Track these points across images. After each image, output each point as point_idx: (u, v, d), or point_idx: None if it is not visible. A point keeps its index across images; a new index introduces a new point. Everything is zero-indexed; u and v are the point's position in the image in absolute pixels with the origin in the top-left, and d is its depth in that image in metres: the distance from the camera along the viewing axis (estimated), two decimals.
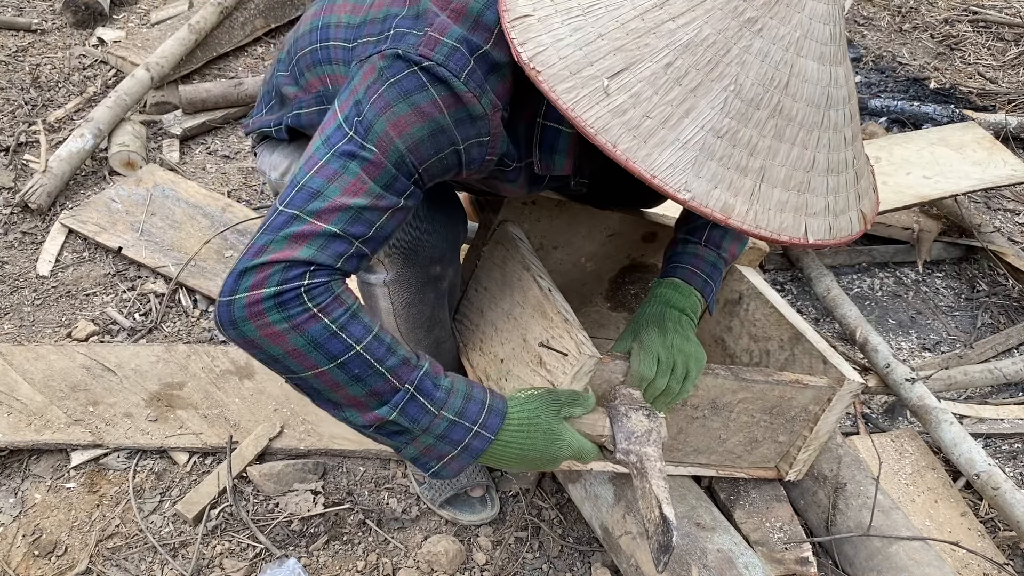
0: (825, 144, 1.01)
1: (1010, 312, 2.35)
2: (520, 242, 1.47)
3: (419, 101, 1.06)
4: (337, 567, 1.54)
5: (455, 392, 1.10)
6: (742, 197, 0.98)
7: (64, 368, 1.75)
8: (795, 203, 1.01)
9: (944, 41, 3.61)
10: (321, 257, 1.03)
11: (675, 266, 1.43)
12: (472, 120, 1.08)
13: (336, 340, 1.03)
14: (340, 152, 1.06)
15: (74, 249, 2.19)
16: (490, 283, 1.52)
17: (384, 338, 1.07)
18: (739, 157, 0.97)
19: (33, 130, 2.58)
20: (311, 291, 1.02)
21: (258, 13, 3.16)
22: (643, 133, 0.97)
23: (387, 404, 1.06)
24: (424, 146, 1.07)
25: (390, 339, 1.08)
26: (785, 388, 1.44)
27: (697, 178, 0.97)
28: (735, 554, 1.37)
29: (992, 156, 2.45)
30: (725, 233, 1.45)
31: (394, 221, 1.09)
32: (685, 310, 1.37)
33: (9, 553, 1.51)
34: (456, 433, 1.09)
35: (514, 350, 1.40)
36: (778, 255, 2.40)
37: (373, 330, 1.06)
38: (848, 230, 1.06)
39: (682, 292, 1.39)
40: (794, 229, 1.01)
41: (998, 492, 1.69)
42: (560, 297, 1.36)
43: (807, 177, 1.01)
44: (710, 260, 1.43)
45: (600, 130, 0.97)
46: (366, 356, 1.04)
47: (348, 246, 1.05)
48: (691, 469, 1.51)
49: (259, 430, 1.67)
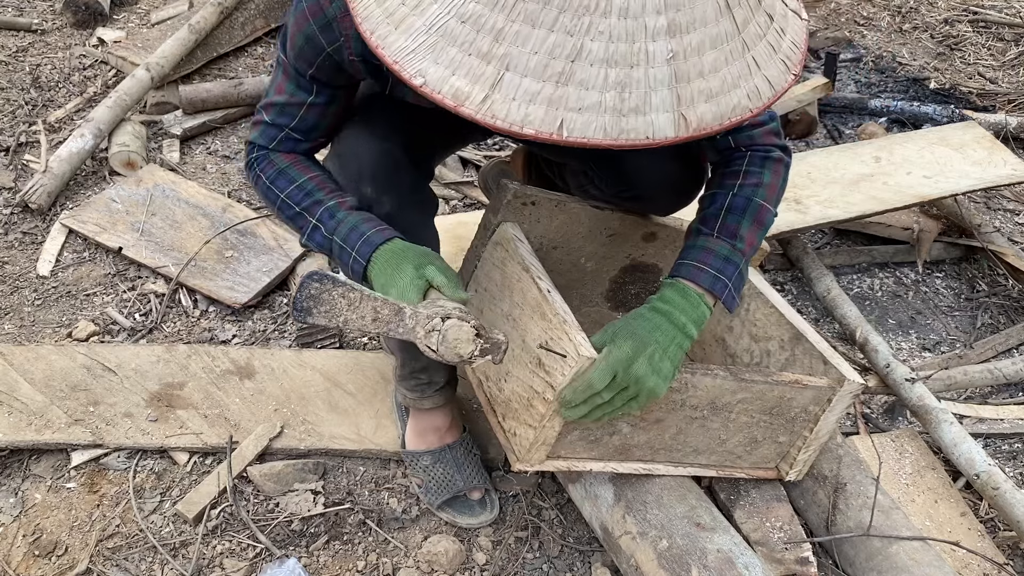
0: (604, 32, 0.90)
1: (1010, 312, 2.35)
2: (519, 243, 1.46)
3: (298, 12, 1.27)
4: (337, 567, 1.54)
5: (345, 223, 1.31)
6: (480, 85, 0.92)
7: (65, 368, 1.75)
8: (550, 95, 0.92)
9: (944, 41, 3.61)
10: (261, 140, 1.40)
11: (681, 262, 1.34)
12: (329, 25, 1.25)
13: (271, 191, 1.37)
14: (276, 61, 1.37)
15: (74, 249, 2.19)
16: (489, 284, 1.51)
17: (306, 186, 1.35)
18: (482, 43, 0.91)
19: (33, 130, 2.58)
20: (256, 162, 1.40)
21: (258, 13, 3.16)
22: (395, 19, 0.95)
23: (305, 234, 1.36)
24: (305, 52, 1.30)
25: (312, 186, 1.35)
26: (785, 388, 1.44)
27: (435, 64, 0.93)
28: (735, 554, 1.37)
29: (992, 156, 2.45)
30: (741, 219, 1.35)
31: (313, 114, 1.37)
32: (685, 329, 1.28)
33: (9, 553, 1.51)
34: (344, 255, 1.32)
35: (513, 351, 1.39)
36: (778, 255, 2.40)
37: (297, 181, 1.36)
38: (652, 133, 0.94)
39: (690, 300, 1.30)
40: (544, 123, 0.93)
41: (998, 492, 1.69)
42: (559, 298, 1.34)
43: (571, 68, 0.91)
44: (722, 253, 1.32)
45: (364, 18, 0.98)
46: (289, 201, 1.36)
47: (278, 132, 1.38)
48: (691, 470, 1.51)
49: (259, 430, 1.68)
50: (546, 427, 1.31)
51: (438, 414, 1.65)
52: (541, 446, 1.34)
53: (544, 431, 1.31)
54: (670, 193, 1.54)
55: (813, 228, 2.33)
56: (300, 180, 1.36)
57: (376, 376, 1.83)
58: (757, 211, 1.36)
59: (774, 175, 1.39)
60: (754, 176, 1.38)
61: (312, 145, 1.42)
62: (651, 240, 1.69)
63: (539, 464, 1.37)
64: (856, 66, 3.43)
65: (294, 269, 2.13)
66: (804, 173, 2.38)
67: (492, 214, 1.53)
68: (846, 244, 2.51)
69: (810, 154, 2.49)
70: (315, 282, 1.09)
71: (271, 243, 2.19)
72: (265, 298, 2.09)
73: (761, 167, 1.39)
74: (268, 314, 2.05)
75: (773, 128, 1.42)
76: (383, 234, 1.29)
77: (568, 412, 1.27)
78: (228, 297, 2.04)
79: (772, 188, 1.39)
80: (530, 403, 1.33)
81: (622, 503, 1.47)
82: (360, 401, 1.77)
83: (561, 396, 1.26)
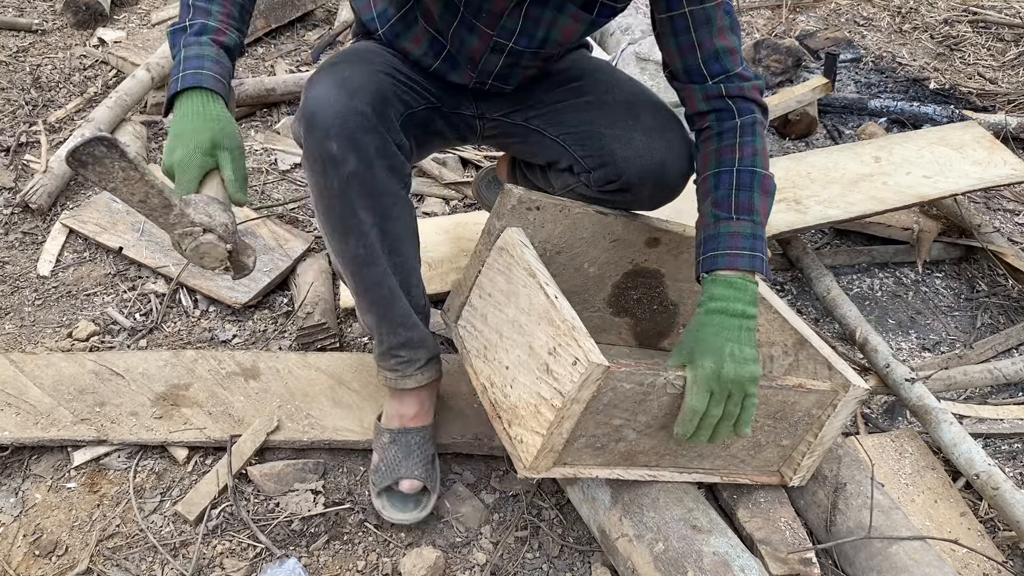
0: None
1: (1010, 312, 2.35)
2: (525, 248, 1.45)
3: None
4: (337, 567, 1.54)
5: (201, 47, 1.31)
6: None
7: (73, 373, 1.76)
8: None
9: (944, 41, 3.61)
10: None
11: (714, 255, 1.38)
12: None
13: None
14: None
15: (75, 249, 2.19)
16: (494, 289, 1.50)
17: (197, 4, 1.33)
18: None
19: (34, 130, 2.58)
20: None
21: (258, 14, 3.16)
22: None
23: (175, 26, 1.33)
24: None
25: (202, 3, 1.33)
26: (788, 393, 1.44)
27: None
28: (731, 557, 1.37)
29: (992, 155, 2.46)
30: (752, 192, 1.40)
31: None
32: (745, 313, 1.34)
33: (9, 553, 1.51)
34: (174, 70, 1.30)
35: (520, 357, 1.39)
36: (778, 255, 2.40)
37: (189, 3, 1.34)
38: None
39: (736, 287, 1.35)
40: None
41: (998, 492, 1.69)
42: (567, 304, 1.34)
43: None
44: (748, 232, 1.38)
45: None
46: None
47: None
48: (695, 476, 1.50)
49: (258, 423, 1.68)
50: (554, 434, 1.30)
51: (413, 399, 1.62)
52: (549, 453, 1.33)
53: (552, 438, 1.30)
54: (655, 184, 1.55)
55: (813, 228, 2.33)
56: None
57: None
58: (762, 181, 1.42)
59: (762, 139, 1.46)
60: (748, 146, 1.44)
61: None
62: (654, 245, 1.69)
63: (546, 471, 1.36)
64: (856, 66, 3.43)
65: (295, 269, 2.13)
66: (804, 173, 2.38)
67: (496, 219, 1.52)
68: (846, 244, 2.51)
69: (810, 154, 2.49)
70: (103, 145, 1.08)
71: (271, 243, 2.19)
72: (266, 298, 2.09)
73: (752, 134, 1.45)
74: (268, 314, 2.06)
75: (759, 85, 1.49)
76: (215, 83, 1.29)
77: (693, 440, 1.35)
78: (229, 297, 2.04)
79: (765, 154, 1.46)
80: (538, 410, 1.32)
81: (619, 506, 1.47)
82: (364, 397, 1.78)
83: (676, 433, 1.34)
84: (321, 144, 1.36)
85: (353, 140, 1.36)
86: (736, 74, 1.45)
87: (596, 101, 1.59)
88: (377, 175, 1.40)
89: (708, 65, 1.44)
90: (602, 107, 1.58)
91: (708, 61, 1.44)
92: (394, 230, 1.47)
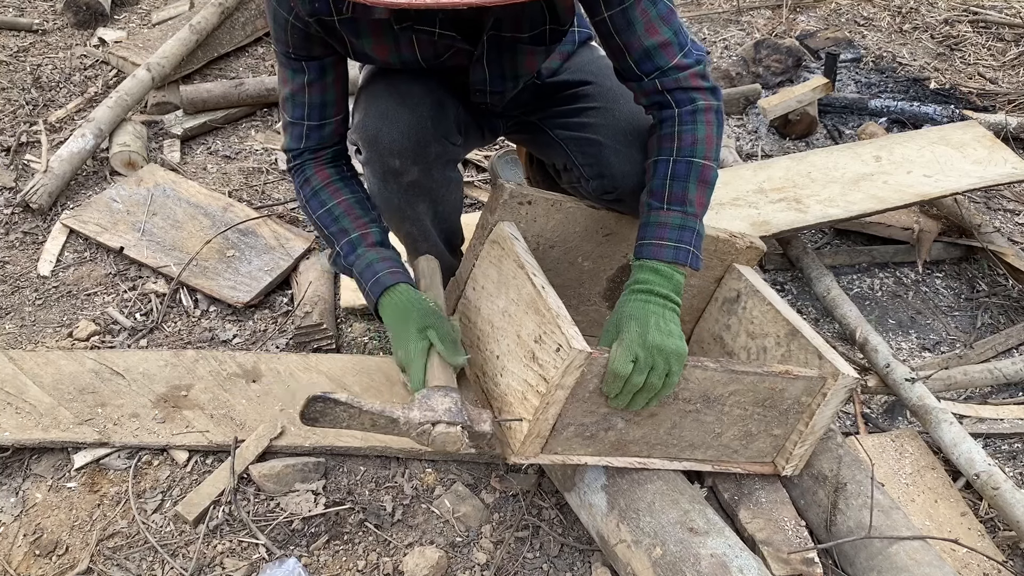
0: None
1: (1010, 312, 2.35)
2: (515, 241, 1.48)
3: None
4: (337, 567, 1.54)
5: (363, 259, 1.47)
6: None
7: (73, 372, 1.76)
8: None
9: (944, 41, 3.61)
10: (292, 143, 1.52)
11: (642, 244, 1.41)
12: None
13: (307, 209, 1.53)
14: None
15: (75, 249, 2.19)
16: (486, 282, 1.53)
17: (334, 211, 1.49)
18: None
19: (34, 130, 2.59)
20: (294, 173, 1.54)
21: (259, 13, 3.16)
22: None
23: (330, 257, 1.53)
24: (278, 32, 1.42)
25: (340, 211, 1.49)
26: (775, 379, 1.45)
27: None
28: (729, 558, 1.37)
29: (993, 154, 2.45)
30: (686, 184, 1.41)
31: (315, 92, 1.47)
32: (669, 297, 1.37)
33: (10, 552, 1.51)
34: (360, 286, 1.49)
35: (509, 347, 1.42)
36: (778, 255, 2.40)
37: (327, 205, 1.49)
38: None
39: (662, 275, 1.38)
40: None
41: (998, 492, 1.69)
42: (553, 294, 1.38)
43: None
44: (676, 223, 1.39)
45: None
46: (320, 223, 1.51)
47: (300, 128, 1.50)
48: (687, 464, 1.52)
49: (260, 429, 1.68)
50: (540, 420, 1.33)
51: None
52: (536, 438, 1.36)
53: (538, 423, 1.33)
54: None
55: (813, 227, 2.33)
56: (330, 204, 1.50)
57: (381, 378, 1.83)
58: (700, 172, 1.42)
59: (707, 126, 1.43)
60: (688, 135, 1.42)
61: (334, 126, 1.52)
62: None
63: (534, 456, 1.38)
64: (856, 66, 3.43)
65: (296, 268, 2.13)
66: (804, 172, 2.38)
67: (489, 213, 1.56)
68: (846, 244, 2.51)
69: (810, 153, 2.49)
70: (319, 403, 1.29)
71: (272, 242, 2.19)
72: (266, 297, 2.09)
73: (692, 122, 1.43)
74: (269, 314, 2.06)
75: (699, 71, 1.45)
76: (392, 277, 1.44)
77: (615, 402, 1.35)
78: (230, 296, 2.04)
79: (708, 141, 1.43)
80: (524, 396, 1.36)
81: (615, 511, 1.47)
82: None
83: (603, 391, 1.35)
84: (383, 160, 1.51)
85: (415, 153, 1.50)
86: (672, 67, 1.43)
87: (603, 108, 1.61)
88: (435, 177, 1.57)
89: (640, 65, 1.44)
90: (607, 115, 1.60)
91: (639, 61, 1.44)
92: (445, 210, 1.67)
